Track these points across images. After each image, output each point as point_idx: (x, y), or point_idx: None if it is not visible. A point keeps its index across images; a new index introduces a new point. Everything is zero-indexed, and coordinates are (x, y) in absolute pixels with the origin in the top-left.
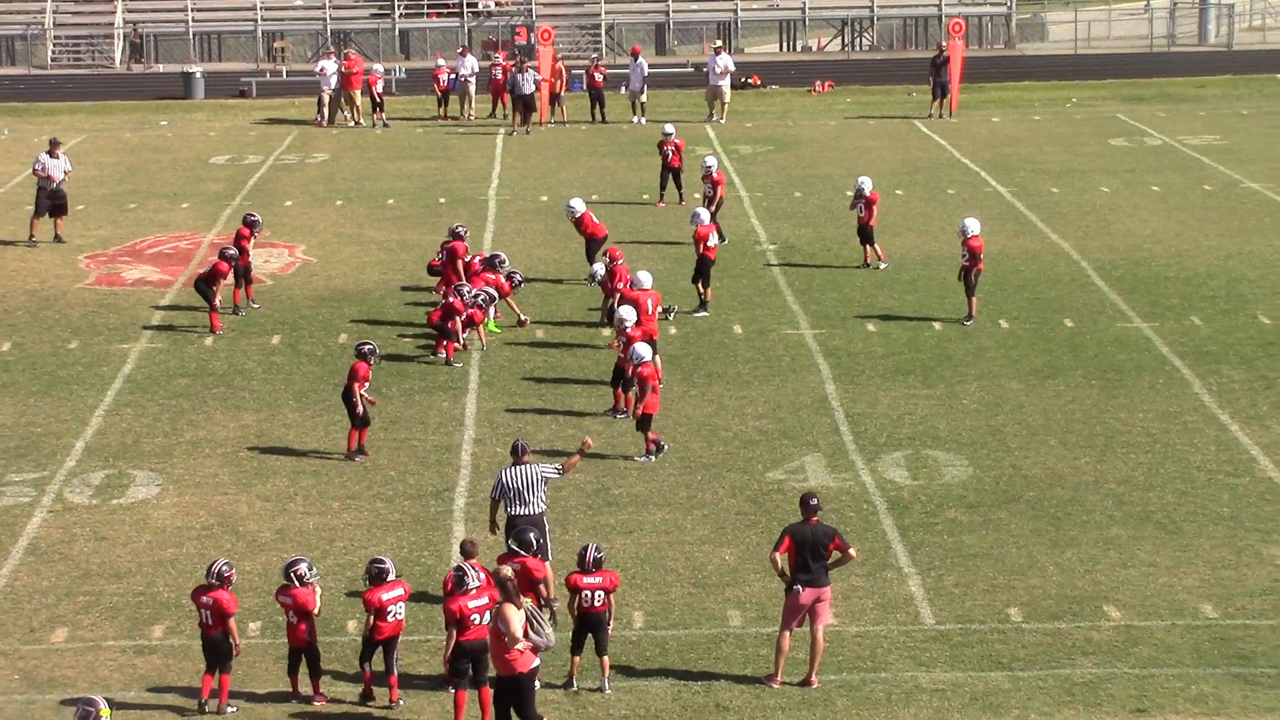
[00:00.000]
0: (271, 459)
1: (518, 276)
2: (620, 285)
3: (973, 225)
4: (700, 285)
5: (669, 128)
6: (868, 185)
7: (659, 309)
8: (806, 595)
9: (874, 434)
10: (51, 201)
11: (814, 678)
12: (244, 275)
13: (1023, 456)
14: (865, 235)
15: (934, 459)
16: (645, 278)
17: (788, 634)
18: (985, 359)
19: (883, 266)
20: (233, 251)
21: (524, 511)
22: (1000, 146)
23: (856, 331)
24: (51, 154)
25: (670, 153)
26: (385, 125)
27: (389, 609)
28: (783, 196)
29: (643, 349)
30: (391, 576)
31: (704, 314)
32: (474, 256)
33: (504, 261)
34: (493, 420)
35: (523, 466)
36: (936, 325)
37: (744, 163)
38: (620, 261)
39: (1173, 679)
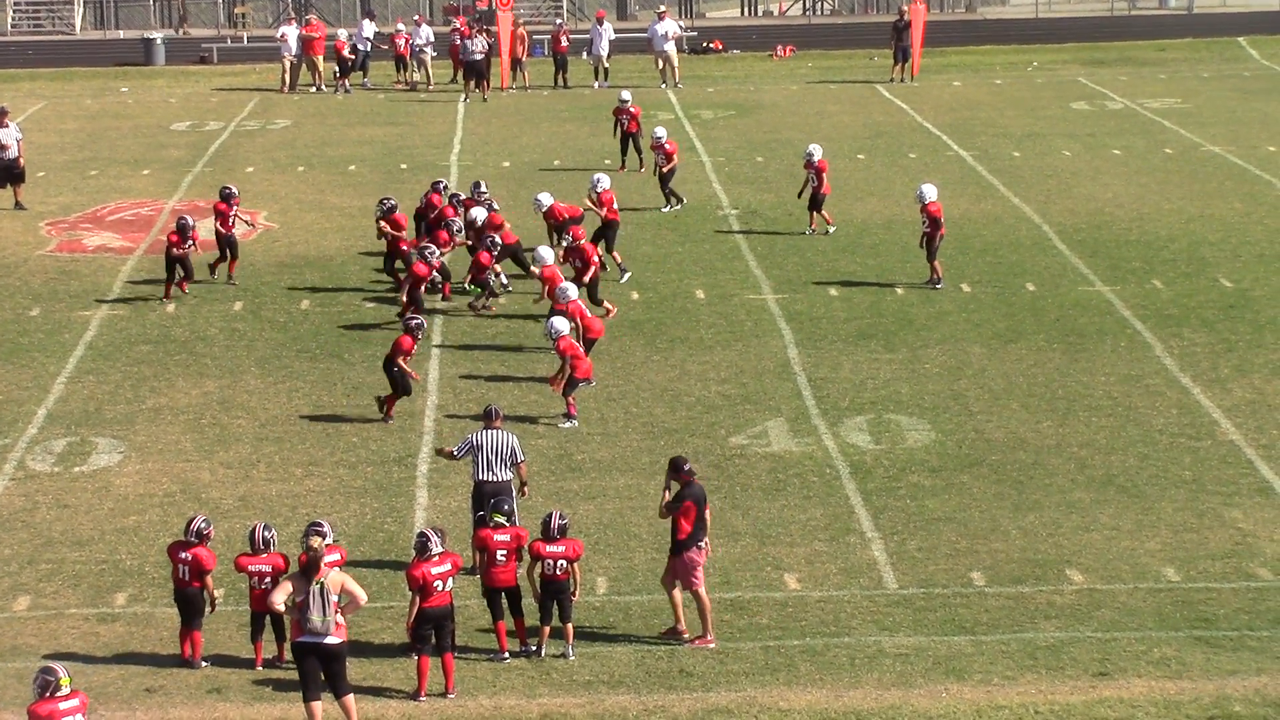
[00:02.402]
0: (234, 426)
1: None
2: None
3: (929, 191)
4: (614, 254)
5: (625, 94)
6: (817, 153)
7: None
8: (703, 553)
9: (836, 398)
10: (8, 171)
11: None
12: (230, 248)
13: (985, 420)
14: (815, 202)
15: (896, 423)
16: (546, 253)
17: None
18: (947, 323)
19: (830, 230)
20: (185, 221)
21: (490, 478)
22: (961, 110)
23: (819, 296)
24: (0, 124)
25: (626, 120)
26: (346, 90)
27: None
28: (744, 161)
29: (560, 323)
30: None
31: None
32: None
33: (485, 192)
34: (455, 386)
35: (494, 431)
36: (899, 290)
37: (705, 128)
38: (585, 241)
39: (1135, 642)
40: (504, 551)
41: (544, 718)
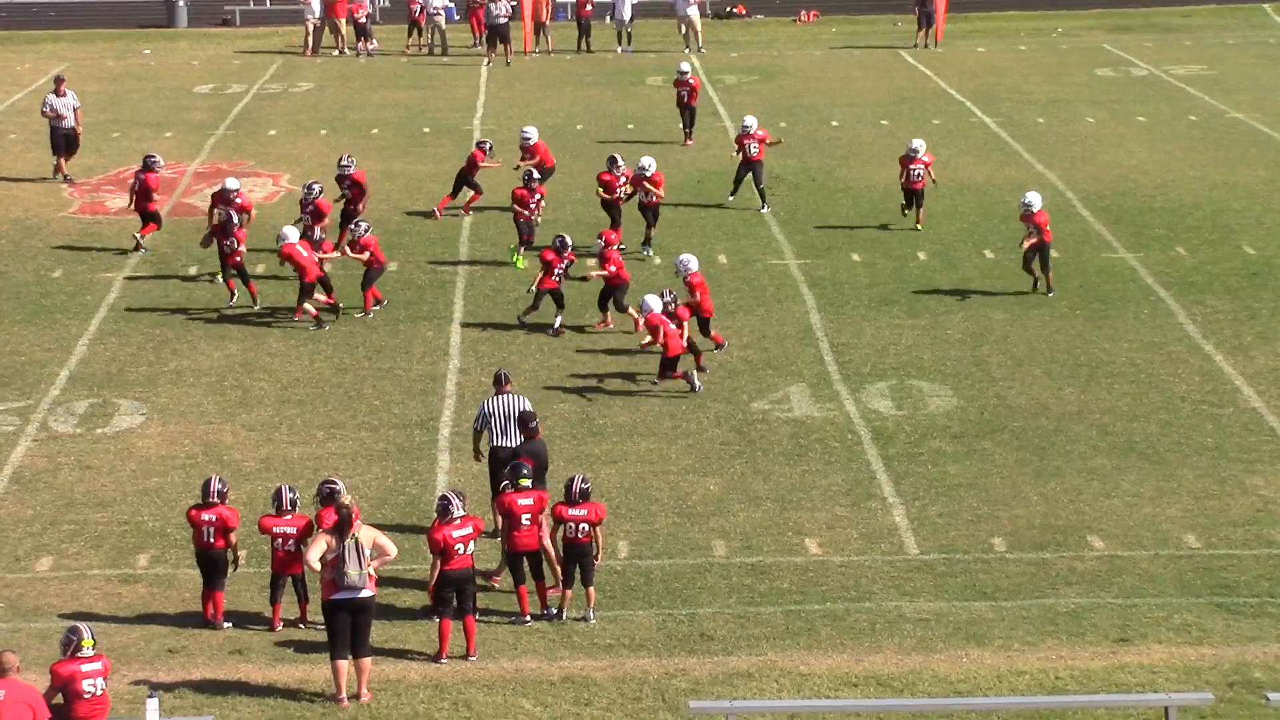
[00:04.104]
0: (256, 388)
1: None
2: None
3: (1035, 200)
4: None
5: (685, 66)
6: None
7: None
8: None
9: (858, 364)
10: (66, 140)
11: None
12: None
13: (1007, 387)
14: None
15: (918, 389)
16: None
17: None
18: (970, 289)
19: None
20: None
21: (505, 443)
22: (986, 76)
23: (841, 261)
24: (57, 92)
25: (686, 93)
26: (369, 55)
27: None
28: (768, 126)
29: (651, 300)
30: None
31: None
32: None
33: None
34: (477, 350)
35: (504, 396)
36: (921, 255)
37: (729, 93)
38: (615, 247)
39: (1156, 608)
40: (528, 515)
41: (565, 680)
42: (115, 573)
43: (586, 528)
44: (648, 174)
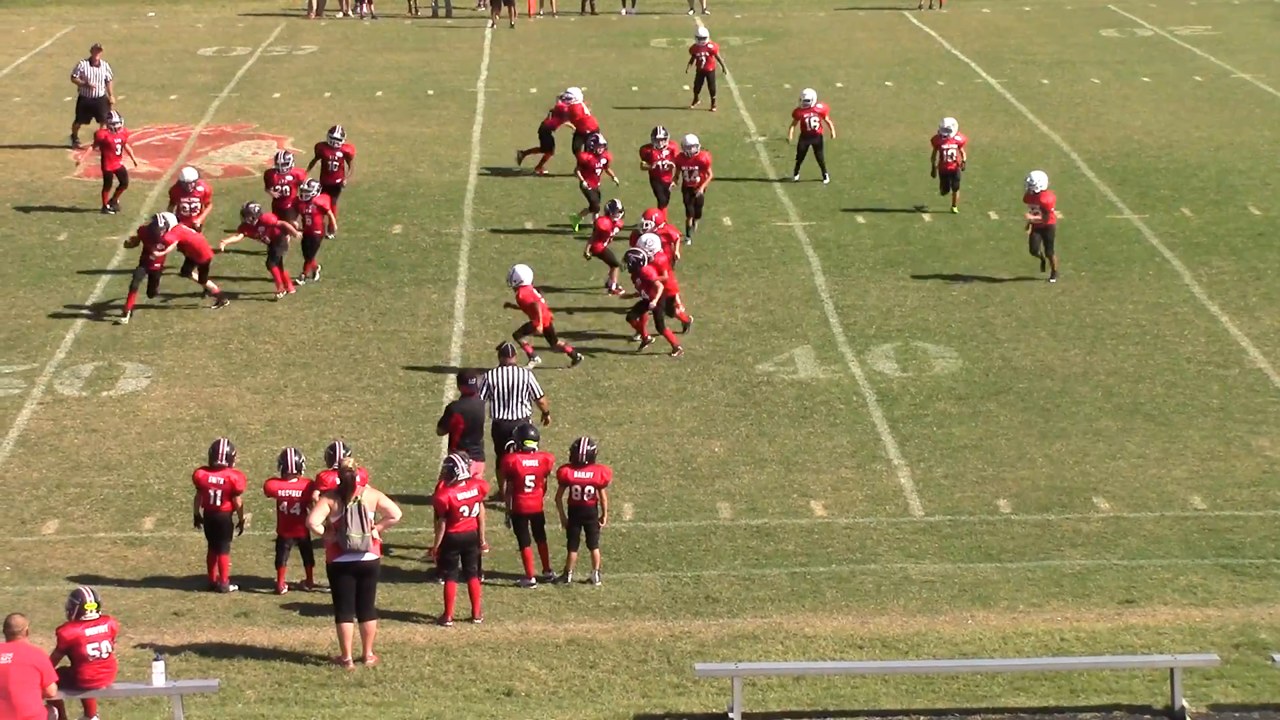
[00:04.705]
0: (261, 351)
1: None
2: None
3: (1040, 179)
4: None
5: (703, 31)
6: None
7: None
8: (477, 467)
9: (863, 326)
10: (93, 109)
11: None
12: (120, 179)
13: (1012, 348)
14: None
15: (923, 351)
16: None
17: None
18: (975, 251)
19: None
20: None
21: (508, 416)
22: (990, 38)
23: (846, 223)
24: (92, 61)
25: (704, 58)
26: (373, 17)
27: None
28: (772, 88)
29: (652, 238)
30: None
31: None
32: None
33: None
34: (482, 313)
35: (509, 368)
36: (926, 217)
37: (733, 54)
38: (662, 225)
39: (1161, 570)
40: (532, 477)
41: (570, 643)
42: (121, 536)
43: (593, 490)
44: (692, 153)
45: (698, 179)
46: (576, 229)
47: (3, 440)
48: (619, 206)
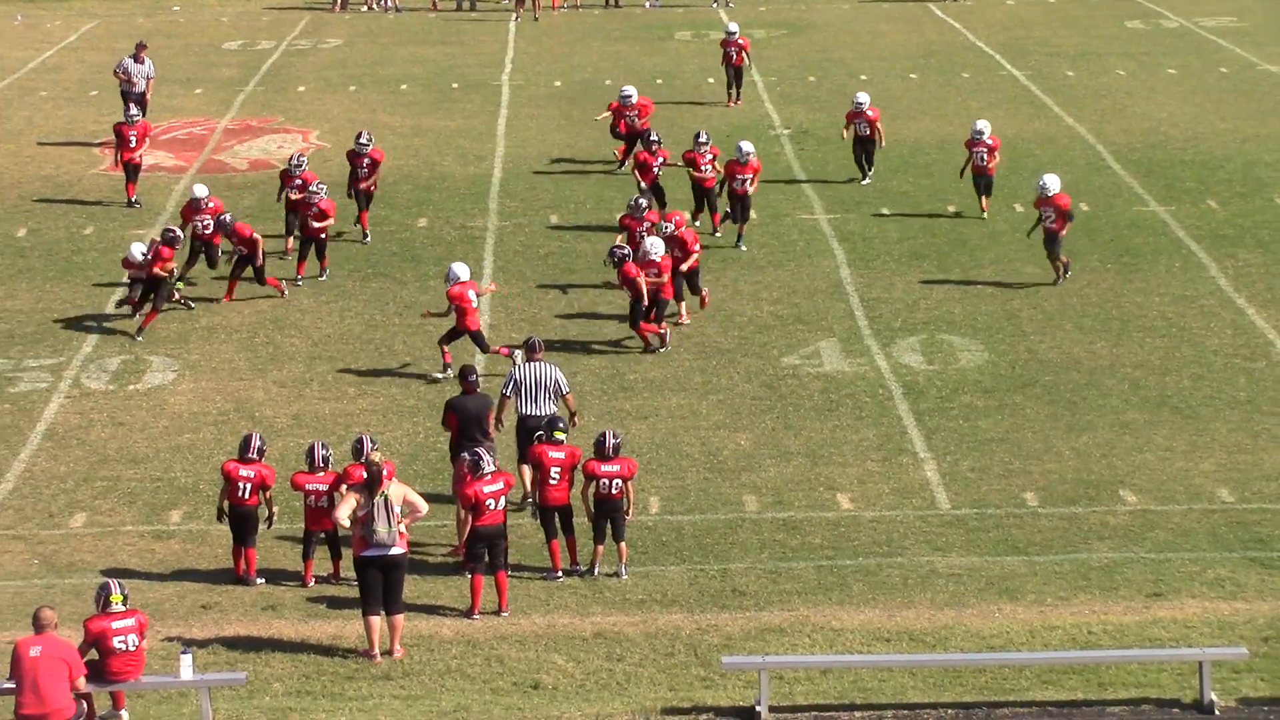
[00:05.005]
0: (287, 344)
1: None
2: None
3: (1053, 182)
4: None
5: (732, 26)
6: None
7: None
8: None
9: (889, 319)
10: (136, 105)
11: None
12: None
13: (1038, 341)
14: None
15: (949, 344)
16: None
17: None
18: (1000, 243)
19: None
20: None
21: (534, 412)
22: (1015, 29)
23: (871, 216)
24: (136, 58)
25: (734, 53)
26: (398, 10)
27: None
28: (796, 81)
29: (656, 241)
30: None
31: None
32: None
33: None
34: (507, 306)
35: (535, 364)
36: (951, 209)
37: (757, 47)
38: (684, 229)
39: (1189, 563)
40: (557, 469)
41: (597, 636)
42: (148, 529)
43: (620, 483)
44: (747, 160)
45: (750, 186)
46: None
47: (30, 434)
48: (644, 205)
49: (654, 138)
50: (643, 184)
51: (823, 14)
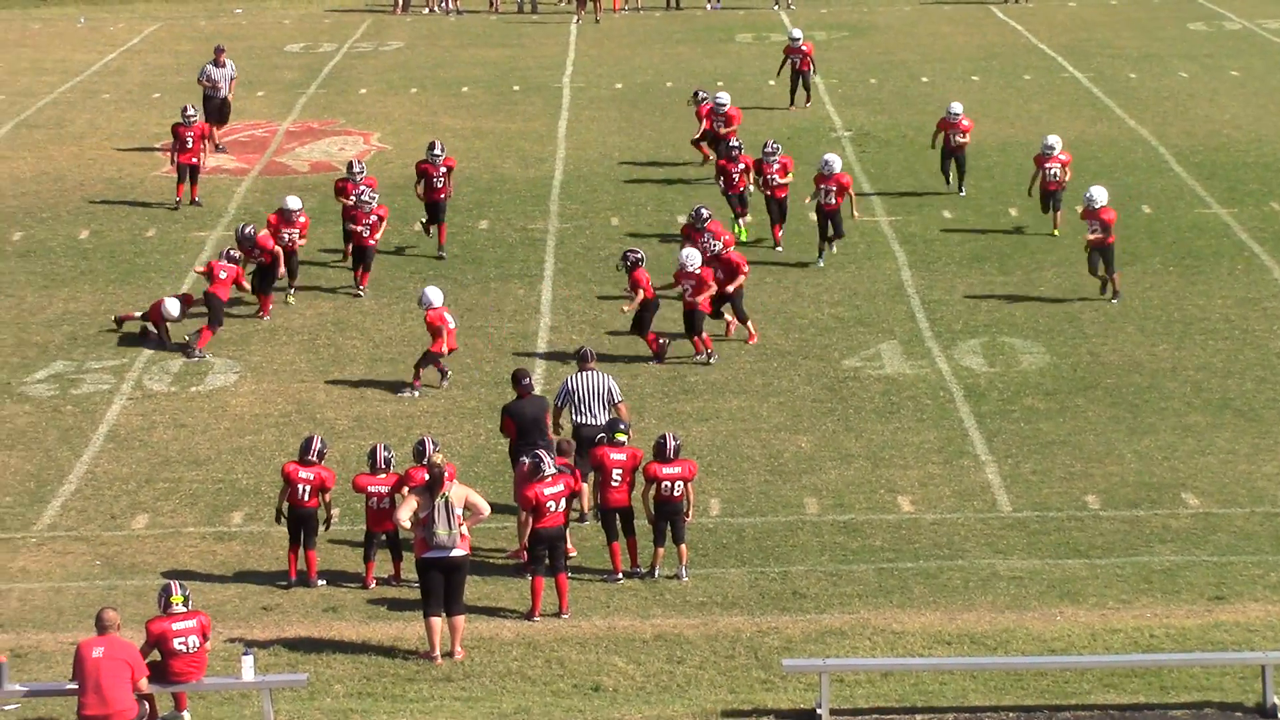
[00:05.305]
0: (348, 346)
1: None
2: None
3: (1100, 194)
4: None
5: (796, 32)
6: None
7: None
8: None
9: (950, 321)
10: (218, 111)
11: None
12: (192, 175)
13: (1100, 343)
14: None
15: (1011, 346)
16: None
17: None
18: (1062, 246)
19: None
20: (236, 254)
21: (589, 421)
22: (1077, 31)
23: (932, 218)
24: (216, 62)
25: (798, 59)
26: (459, 13)
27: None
28: (858, 83)
29: (692, 252)
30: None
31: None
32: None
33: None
34: (568, 308)
35: (588, 374)
36: (1013, 211)
37: (819, 49)
38: (733, 250)
39: (1251, 566)
40: (619, 471)
41: (657, 638)
42: (210, 530)
43: (680, 485)
44: (831, 172)
45: (834, 200)
46: (744, 236)
47: (93, 435)
48: (705, 214)
49: (735, 144)
50: (728, 191)
51: (884, 16)
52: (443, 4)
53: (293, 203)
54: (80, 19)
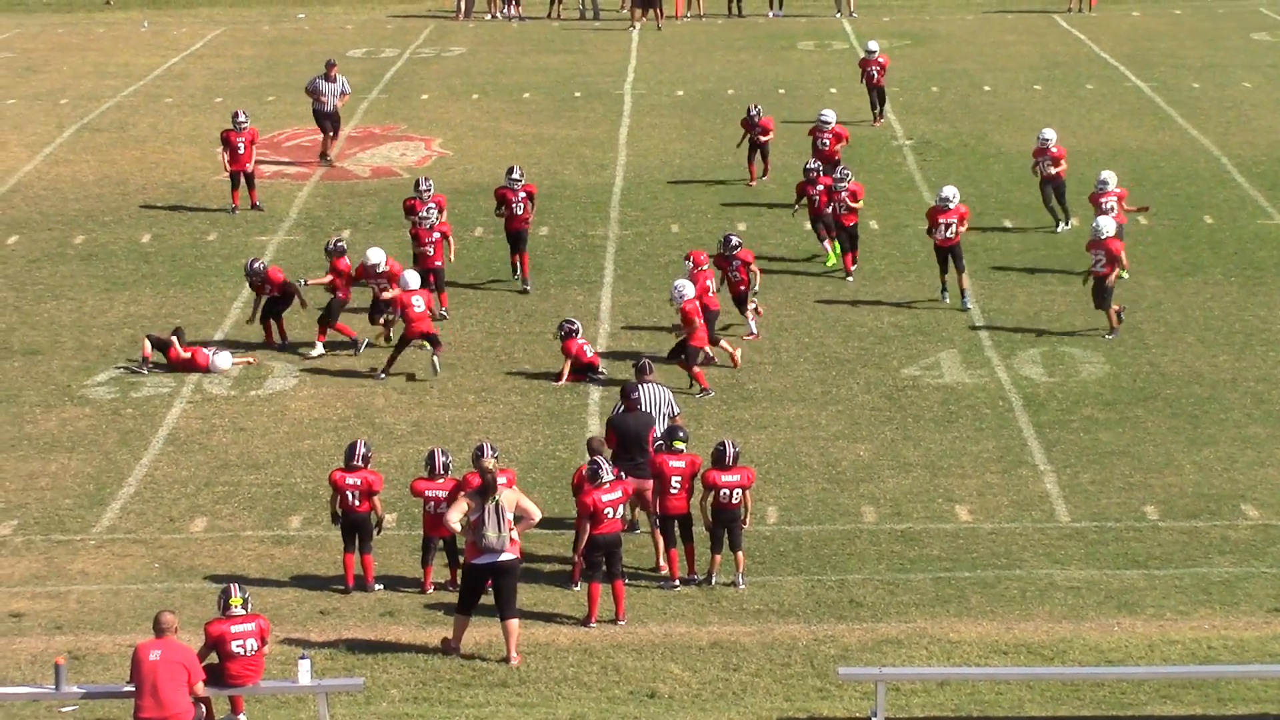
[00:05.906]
0: (407, 351)
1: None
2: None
3: (1107, 225)
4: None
5: (873, 44)
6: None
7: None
8: (629, 485)
9: (1010, 330)
10: (331, 119)
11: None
12: (247, 180)
13: (1160, 354)
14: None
15: (1070, 356)
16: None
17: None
18: (1124, 256)
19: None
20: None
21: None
22: (1140, 41)
23: (992, 226)
24: (327, 77)
25: (876, 72)
26: (521, 19)
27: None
28: (919, 91)
29: (684, 285)
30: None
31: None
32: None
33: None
34: (627, 314)
35: (646, 385)
36: (1074, 221)
37: None
38: (704, 267)
39: None
40: (679, 478)
41: (714, 645)
42: (268, 534)
43: (739, 493)
44: (949, 205)
45: (952, 234)
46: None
47: (153, 439)
48: (735, 243)
49: (811, 165)
50: (814, 215)
51: (946, 25)
52: (505, 10)
53: (375, 255)
54: (144, 23)
